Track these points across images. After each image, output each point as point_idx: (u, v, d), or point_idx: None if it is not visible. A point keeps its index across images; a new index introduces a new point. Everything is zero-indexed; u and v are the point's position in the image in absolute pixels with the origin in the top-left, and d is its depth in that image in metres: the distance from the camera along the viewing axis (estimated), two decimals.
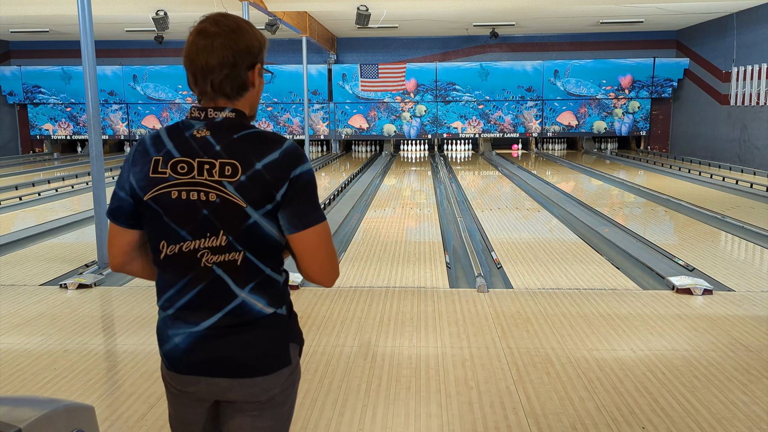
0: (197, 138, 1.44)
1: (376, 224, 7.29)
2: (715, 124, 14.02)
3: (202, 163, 1.42)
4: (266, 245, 1.45)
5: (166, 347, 1.51)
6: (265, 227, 1.43)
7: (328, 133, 16.87)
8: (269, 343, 1.49)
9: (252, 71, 1.48)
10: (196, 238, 1.43)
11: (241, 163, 1.41)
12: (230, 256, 1.43)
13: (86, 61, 5.23)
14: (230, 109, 1.46)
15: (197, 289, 1.45)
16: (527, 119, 16.52)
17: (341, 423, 2.70)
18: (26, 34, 15.88)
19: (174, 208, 1.42)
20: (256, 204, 1.40)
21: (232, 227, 1.41)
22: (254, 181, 1.40)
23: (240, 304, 1.45)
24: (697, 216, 7.55)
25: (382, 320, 3.97)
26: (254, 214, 1.41)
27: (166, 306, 1.50)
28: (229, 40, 1.44)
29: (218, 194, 1.40)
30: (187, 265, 1.44)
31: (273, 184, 1.41)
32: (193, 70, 1.46)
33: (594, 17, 14.01)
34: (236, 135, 1.44)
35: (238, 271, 1.44)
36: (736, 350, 3.45)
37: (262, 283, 1.47)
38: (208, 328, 1.46)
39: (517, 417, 2.74)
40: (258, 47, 1.48)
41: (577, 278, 4.89)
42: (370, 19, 11.56)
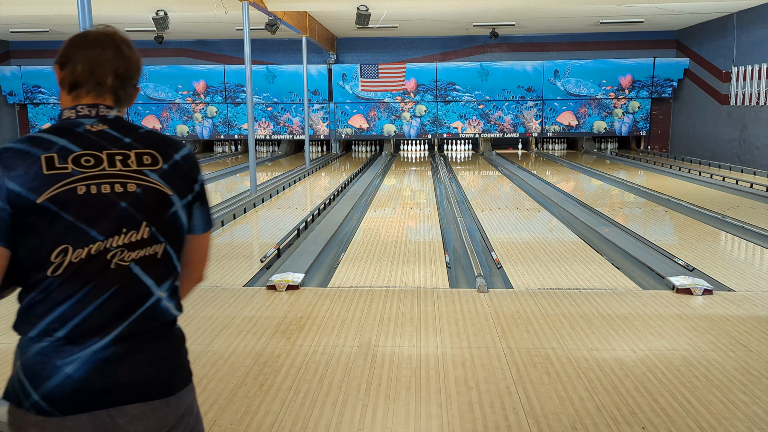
0: (94, 132, 1.36)
1: (376, 224, 7.29)
2: (715, 124, 14.02)
3: (113, 155, 1.34)
4: (180, 239, 1.42)
5: (50, 384, 1.25)
6: (182, 219, 1.41)
7: (328, 133, 16.87)
8: (179, 353, 1.40)
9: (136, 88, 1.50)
10: (108, 236, 1.29)
11: (159, 153, 1.39)
12: (151, 250, 1.34)
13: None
14: (116, 109, 1.43)
15: (104, 297, 1.29)
16: (527, 119, 16.52)
17: (341, 423, 2.70)
18: (26, 34, 15.89)
19: (82, 206, 1.28)
20: (180, 193, 1.40)
21: (155, 217, 1.35)
22: (176, 171, 1.39)
23: (154, 305, 1.35)
24: (697, 216, 7.55)
25: (382, 320, 3.97)
26: (177, 203, 1.39)
27: (52, 328, 1.26)
28: (129, 54, 1.45)
29: (139, 184, 1.34)
30: (94, 271, 1.28)
31: (192, 176, 1.43)
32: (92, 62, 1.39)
33: (594, 17, 14.01)
34: (141, 131, 1.42)
35: (158, 267, 1.36)
36: (736, 350, 3.45)
37: (174, 283, 1.41)
38: (112, 341, 1.28)
39: (517, 417, 2.74)
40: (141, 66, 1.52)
41: (577, 278, 4.89)
42: (370, 19, 11.55)
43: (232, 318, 4.02)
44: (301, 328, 3.83)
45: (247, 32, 9.38)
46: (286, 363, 3.32)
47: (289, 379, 3.12)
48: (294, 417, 2.75)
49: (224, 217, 7.57)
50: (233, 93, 16.72)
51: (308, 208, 8.45)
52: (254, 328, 3.83)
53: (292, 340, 3.64)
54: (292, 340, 3.63)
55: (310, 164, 13.78)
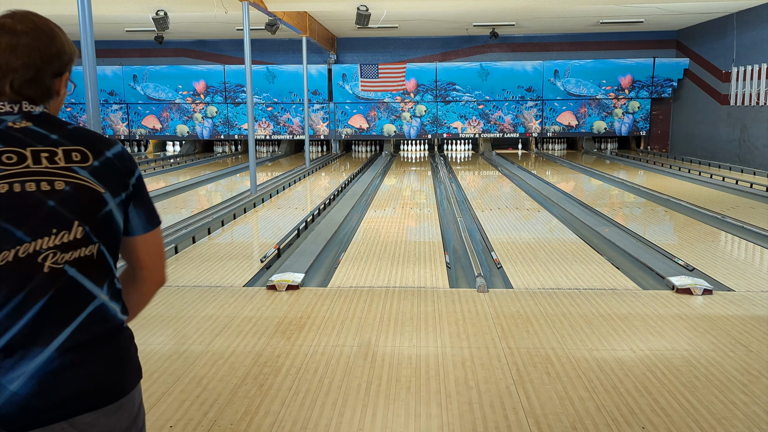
0: (17, 128, 1.27)
1: (376, 224, 7.29)
2: (715, 124, 14.02)
3: (38, 152, 1.26)
4: (116, 239, 1.34)
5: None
6: (117, 218, 1.33)
7: (328, 133, 16.87)
8: (129, 352, 1.35)
9: (59, 79, 1.37)
10: (37, 237, 1.20)
11: (89, 149, 1.31)
12: (87, 251, 1.26)
13: (86, 61, 5.24)
14: (43, 107, 1.35)
15: (41, 303, 1.19)
16: (527, 119, 16.52)
17: (341, 423, 2.70)
18: None
19: (5, 205, 1.19)
20: (114, 191, 1.32)
21: (88, 216, 1.26)
22: (108, 168, 1.32)
23: (100, 308, 1.27)
24: (697, 216, 7.55)
25: (382, 320, 3.97)
26: (111, 201, 1.31)
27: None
28: (38, 42, 1.31)
29: (68, 181, 1.25)
30: (25, 276, 1.19)
31: (125, 172, 1.35)
32: None
33: (594, 17, 14.01)
34: (69, 127, 1.33)
35: (95, 268, 1.27)
36: (736, 350, 3.45)
37: (113, 285, 1.32)
38: (57, 351, 1.20)
39: (517, 417, 2.74)
40: (69, 54, 1.38)
41: (577, 278, 4.89)
42: (370, 19, 11.56)
43: (232, 318, 4.02)
44: (301, 328, 3.83)
45: (247, 32, 9.38)
46: (286, 363, 3.32)
47: (289, 379, 3.12)
48: (294, 417, 2.75)
49: (224, 217, 7.57)
50: (233, 93, 16.72)
51: (308, 208, 8.45)
52: (254, 328, 3.83)
53: (292, 340, 3.64)
54: (292, 340, 3.63)
55: (310, 164, 13.79)
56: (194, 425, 2.68)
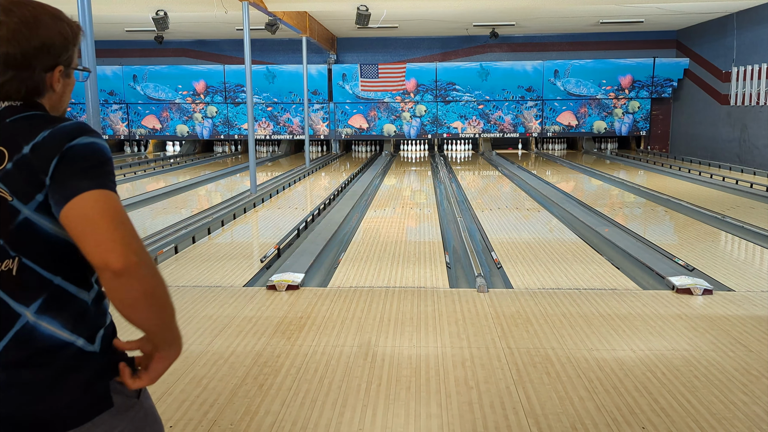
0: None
1: (376, 224, 7.29)
2: (715, 124, 14.02)
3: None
4: (48, 248, 1.15)
5: None
6: (42, 224, 1.14)
7: (328, 133, 16.87)
8: (74, 388, 1.16)
9: (51, 73, 1.22)
10: None
11: (8, 148, 1.14)
12: (3, 266, 1.14)
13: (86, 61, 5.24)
14: (15, 102, 1.21)
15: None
16: (527, 119, 16.52)
17: (341, 423, 2.70)
18: None
19: None
20: (24, 196, 1.12)
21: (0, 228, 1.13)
22: (21, 168, 1.12)
23: (25, 328, 1.14)
24: (697, 216, 7.54)
25: (382, 320, 3.97)
26: (23, 209, 1.13)
27: None
28: (17, 34, 1.16)
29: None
30: None
31: (40, 167, 1.12)
32: None
33: (594, 17, 14.01)
34: (10, 118, 1.17)
35: (16, 285, 1.14)
36: (736, 350, 3.45)
37: (52, 299, 1.16)
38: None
39: (517, 417, 2.74)
40: (61, 44, 1.22)
41: (577, 278, 4.89)
42: (370, 19, 11.55)
43: (232, 318, 4.02)
44: (301, 328, 3.84)
45: (247, 32, 9.38)
46: (286, 363, 3.32)
47: (289, 379, 3.12)
48: (294, 417, 2.75)
49: (224, 217, 7.57)
50: (233, 93, 16.72)
51: (308, 208, 8.45)
52: (254, 328, 3.83)
53: (292, 340, 3.64)
54: (292, 340, 3.63)
55: (310, 164, 13.79)
56: (194, 425, 2.68)
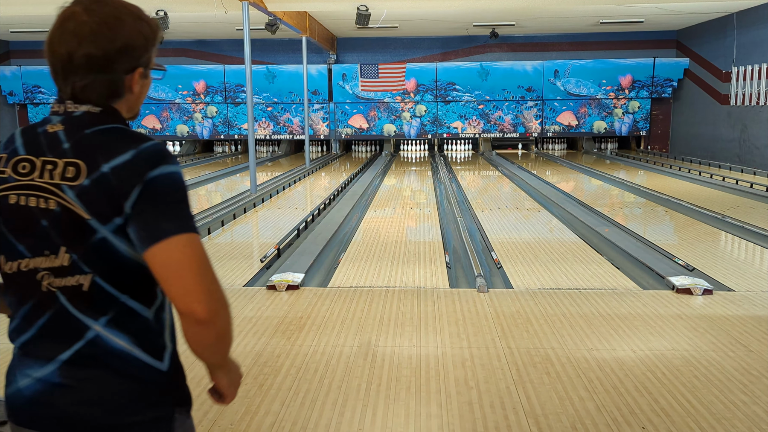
0: (48, 133, 1.18)
1: (376, 224, 7.29)
2: (715, 124, 14.01)
3: (46, 163, 1.15)
4: (121, 269, 1.16)
5: (8, 390, 1.22)
6: (118, 246, 1.14)
7: (328, 133, 16.87)
8: (137, 398, 1.18)
9: (131, 75, 1.21)
10: (35, 255, 1.16)
11: (86, 163, 1.13)
12: (75, 281, 1.14)
13: None
14: (93, 106, 1.20)
15: (43, 320, 1.18)
16: (527, 119, 16.51)
17: (341, 423, 2.70)
18: (26, 34, 15.88)
19: (11, 217, 1.17)
20: (102, 217, 1.12)
21: (75, 244, 1.13)
22: (99, 187, 1.11)
23: (94, 340, 1.17)
24: (697, 216, 7.54)
25: (382, 320, 3.97)
26: (101, 229, 1.12)
27: (13, 336, 1.23)
28: (99, 36, 1.15)
29: (58, 202, 1.13)
30: (28, 289, 1.17)
31: (121, 192, 1.11)
32: (53, 63, 1.18)
33: (594, 17, 14.01)
34: (89, 130, 1.16)
35: (86, 300, 1.15)
36: (736, 350, 3.45)
37: (120, 315, 1.17)
38: (59, 368, 1.17)
39: (517, 417, 2.74)
40: (142, 45, 1.20)
41: (577, 278, 4.89)
42: (370, 19, 11.55)
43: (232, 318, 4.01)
44: (301, 328, 3.83)
45: (247, 32, 9.38)
46: (286, 363, 3.32)
47: (289, 379, 3.12)
48: (294, 417, 2.75)
49: (224, 217, 7.57)
50: (233, 93, 16.71)
51: (308, 208, 8.45)
52: (254, 328, 3.83)
53: (292, 340, 3.64)
54: (292, 340, 3.63)
55: (310, 164, 13.78)
56: (194, 425, 2.67)
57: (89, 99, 1.18)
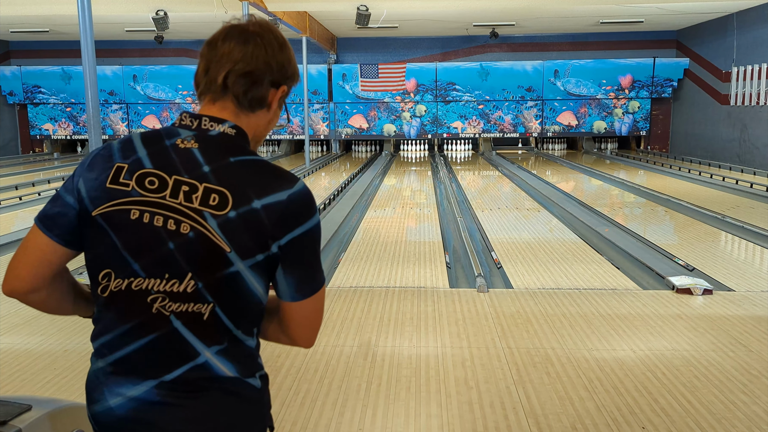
0: (180, 149, 1.15)
1: (376, 224, 7.29)
2: (715, 124, 14.02)
3: (180, 183, 1.12)
4: (244, 302, 1.16)
5: (96, 408, 1.19)
6: (249, 281, 1.14)
7: (328, 133, 16.87)
8: (238, 419, 1.19)
9: (275, 90, 1.23)
10: (150, 276, 1.13)
11: (233, 194, 1.11)
12: (195, 308, 1.13)
13: (86, 61, 5.23)
14: (231, 124, 1.18)
15: (146, 340, 1.15)
16: (527, 119, 16.52)
17: (341, 423, 2.70)
18: (26, 34, 15.88)
19: (130, 233, 1.13)
20: (244, 252, 1.12)
21: (205, 273, 1.12)
22: (247, 222, 1.11)
23: (203, 365, 1.16)
24: (697, 216, 7.54)
25: (382, 320, 3.97)
26: (239, 262, 1.12)
27: (103, 352, 1.19)
28: (268, 46, 1.21)
29: (194, 227, 1.11)
30: (136, 309, 1.15)
31: (271, 232, 1.12)
32: (210, 58, 1.20)
33: (594, 17, 14.01)
34: (234, 158, 1.15)
35: (203, 328, 1.15)
36: (736, 350, 3.45)
37: (230, 346, 1.18)
38: (156, 387, 1.15)
39: (517, 417, 2.74)
40: (292, 72, 1.25)
41: (577, 278, 4.89)
42: (370, 19, 11.55)
43: None
44: None
45: None
46: (286, 363, 3.31)
47: (289, 379, 3.12)
48: (294, 417, 2.75)
49: None
50: None
51: None
52: None
53: None
54: None
55: (310, 164, 13.78)
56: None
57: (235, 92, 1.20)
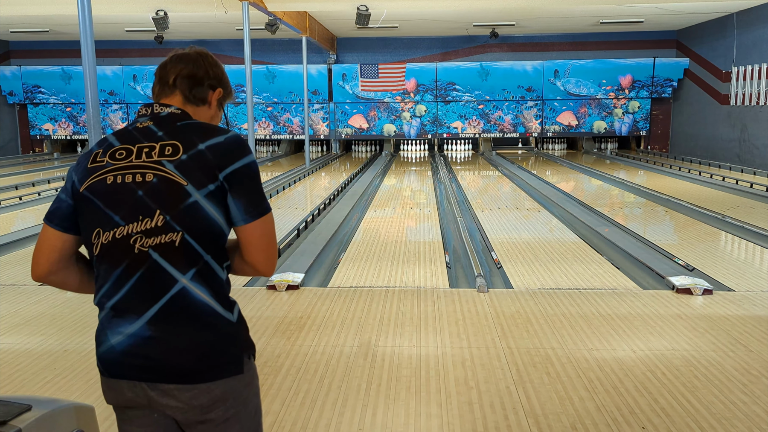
0: (139, 128, 1.49)
1: (376, 224, 7.29)
2: (715, 124, 14.02)
3: (142, 148, 1.44)
4: (207, 229, 1.42)
5: (101, 349, 1.45)
6: (207, 209, 1.41)
7: (328, 133, 16.87)
8: (216, 345, 1.43)
9: (212, 92, 1.58)
10: (128, 222, 1.40)
11: (182, 143, 1.44)
12: (167, 237, 1.39)
13: (86, 61, 5.23)
14: (177, 107, 1.52)
15: (134, 279, 1.41)
16: (527, 119, 16.52)
17: (341, 423, 2.70)
18: (26, 34, 15.88)
19: (108, 194, 1.42)
20: (198, 183, 1.40)
21: (169, 206, 1.40)
22: (196, 160, 1.42)
23: (181, 291, 1.40)
24: (697, 216, 7.54)
25: (382, 320, 3.97)
26: (195, 193, 1.40)
27: (103, 301, 1.45)
28: (205, 63, 1.57)
29: (155, 173, 1.41)
30: (122, 253, 1.41)
31: (216, 164, 1.42)
32: (162, 74, 1.55)
33: (594, 17, 14.01)
34: (179, 123, 1.49)
35: (177, 254, 1.40)
36: (736, 350, 3.45)
37: (202, 270, 1.42)
38: (147, 323, 1.40)
39: (517, 417, 2.74)
40: (226, 82, 1.62)
41: (577, 278, 4.89)
42: (370, 19, 11.55)
43: None
44: (301, 328, 3.83)
45: (247, 32, 9.38)
46: (286, 363, 3.32)
47: (289, 379, 3.12)
48: (294, 417, 2.75)
49: None
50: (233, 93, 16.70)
51: (308, 208, 8.45)
52: (254, 328, 3.83)
53: (292, 340, 3.64)
54: (292, 340, 3.63)
55: (310, 164, 13.78)
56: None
57: (182, 89, 1.56)
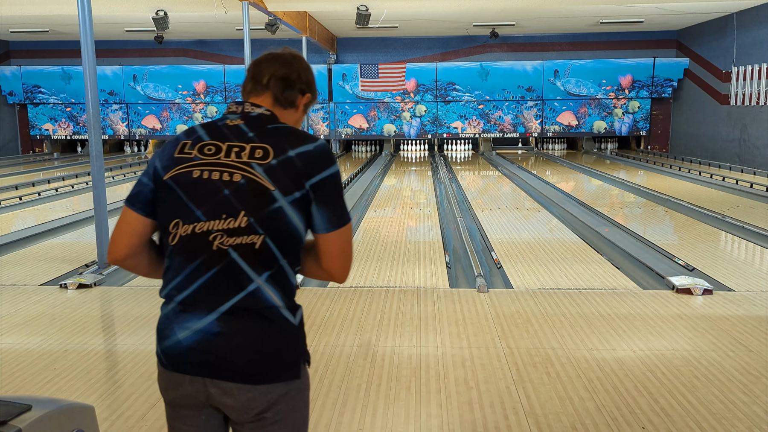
0: (230, 126, 1.50)
1: (376, 224, 7.29)
2: (715, 124, 14.01)
3: (232, 147, 1.45)
4: (288, 235, 1.44)
5: (166, 343, 1.46)
6: (290, 215, 1.43)
7: (328, 133, 16.87)
8: (279, 346, 1.45)
9: (302, 96, 1.59)
10: (210, 218, 1.42)
11: (273, 148, 1.44)
12: (248, 239, 1.41)
13: (86, 61, 5.23)
14: (267, 108, 1.52)
15: (209, 275, 1.42)
16: (527, 119, 16.51)
17: (341, 423, 2.70)
18: (26, 34, 15.88)
19: (192, 187, 1.44)
20: (285, 189, 1.41)
21: (254, 209, 1.41)
22: (285, 167, 1.42)
23: (254, 292, 1.42)
24: (697, 216, 7.54)
25: (382, 320, 3.97)
26: (281, 199, 1.41)
27: (172, 294, 1.46)
28: (299, 66, 1.58)
29: (244, 175, 1.42)
30: (199, 248, 1.42)
31: (304, 173, 1.43)
32: (255, 72, 1.56)
33: (594, 17, 14.01)
34: (270, 126, 1.50)
35: (255, 256, 1.41)
36: (736, 350, 3.45)
37: (277, 274, 1.44)
38: (217, 319, 1.42)
39: (517, 417, 2.74)
40: (314, 88, 1.63)
41: (577, 278, 4.89)
42: (370, 19, 11.55)
43: None
44: None
45: (247, 32, 9.38)
46: None
47: None
48: None
49: None
50: (233, 93, 16.71)
51: None
52: None
53: None
54: None
55: None
56: None
57: (274, 91, 1.56)
